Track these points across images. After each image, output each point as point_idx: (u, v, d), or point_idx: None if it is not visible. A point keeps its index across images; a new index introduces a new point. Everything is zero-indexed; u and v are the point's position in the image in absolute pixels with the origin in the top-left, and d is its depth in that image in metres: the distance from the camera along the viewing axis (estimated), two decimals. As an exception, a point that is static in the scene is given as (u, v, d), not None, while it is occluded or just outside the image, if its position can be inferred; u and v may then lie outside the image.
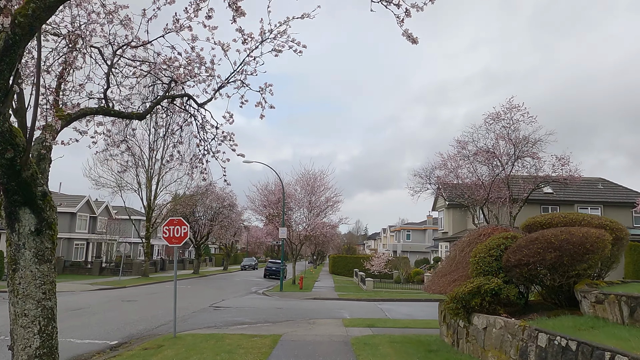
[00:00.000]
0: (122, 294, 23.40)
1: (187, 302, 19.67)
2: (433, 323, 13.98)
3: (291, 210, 35.41)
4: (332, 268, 60.98)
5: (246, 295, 25.90)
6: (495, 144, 26.61)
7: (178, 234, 11.03)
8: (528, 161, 26.14)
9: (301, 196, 35.33)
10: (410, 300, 24.39)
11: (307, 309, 18.75)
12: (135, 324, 13.34)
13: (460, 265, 9.10)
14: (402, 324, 13.78)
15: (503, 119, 26.13)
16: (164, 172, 37.54)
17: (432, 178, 28.53)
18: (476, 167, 26.68)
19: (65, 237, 47.78)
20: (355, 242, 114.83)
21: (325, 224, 36.89)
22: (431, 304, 22.42)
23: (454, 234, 39.77)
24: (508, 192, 26.35)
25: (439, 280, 9.43)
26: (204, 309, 17.69)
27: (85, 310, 16.08)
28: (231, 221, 48.09)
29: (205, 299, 21.85)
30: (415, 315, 17.72)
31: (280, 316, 16.06)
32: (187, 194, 40.15)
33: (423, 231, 68.61)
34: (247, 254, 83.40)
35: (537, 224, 8.79)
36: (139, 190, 37.16)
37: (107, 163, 35.70)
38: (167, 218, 47.24)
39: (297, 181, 35.43)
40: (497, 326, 6.99)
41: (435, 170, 28.52)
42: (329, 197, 34.93)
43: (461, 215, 40.17)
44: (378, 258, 47.33)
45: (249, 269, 66.60)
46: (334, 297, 25.16)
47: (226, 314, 16.26)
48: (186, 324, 13.97)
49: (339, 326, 13.39)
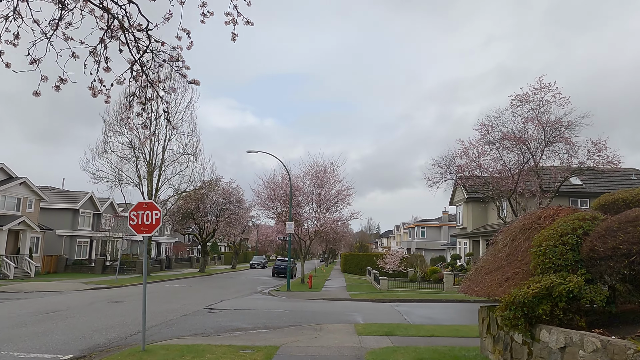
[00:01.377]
0: (113, 294, 21.41)
1: (180, 304, 17.56)
2: (463, 330, 11.65)
3: (299, 204, 33.20)
4: (344, 266, 58.69)
5: (250, 295, 23.78)
6: (522, 129, 24.10)
7: (148, 220, 8.86)
8: (560, 147, 23.58)
9: (310, 189, 33.13)
10: (429, 301, 22.04)
11: (314, 311, 16.54)
12: (107, 331, 11.23)
13: (513, 259, 6.77)
14: (427, 331, 11.48)
15: (532, 101, 23.62)
16: (165, 165, 35.62)
17: (452, 167, 26.07)
18: (502, 154, 24.17)
19: (67, 234, 46.27)
20: (367, 240, 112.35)
21: (335, 220, 34.59)
22: (454, 306, 20.05)
23: (473, 229, 37.24)
24: (538, 181, 23.83)
25: (483, 279, 7.10)
26: (197, 311, 15.56)
27: (59, 314, 14.05)
28: (238, 217, 45.99)
29: (203, 299, 19.75)
30: (438, 318, 15.40)
31: (283, 320, 13.86)
32: (190, 189, 38.05)
33: (438, 228, 65.92)
34: (256, 252, 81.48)
35: (620, 201, 6.45)
36: (140, 184, 35.26)
37: (105, 155, 33.90)
38: (172, 214, 45.53)
39: (305, 173, 33.20)
40: (587, 347, 4.66)
41: (455, 158, 26.08)
42: (339, 190, 32.64)
43: (481, 210, 37.62)
44: (392, 256, 44.94)
45: (258, 267, 64.70)
46: (345, 298, 22.92)
47: (221, 318, 14.11)
48: (170, 330, 11.83)
49: (350, 334, 11.14)
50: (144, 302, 9.38)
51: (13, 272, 34.25)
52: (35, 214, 40.87)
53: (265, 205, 33.00)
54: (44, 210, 45.21)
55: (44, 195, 41.94)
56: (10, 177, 38.22)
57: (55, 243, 45.72)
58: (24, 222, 37.18)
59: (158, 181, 35.73)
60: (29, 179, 39.21)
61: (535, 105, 23.53)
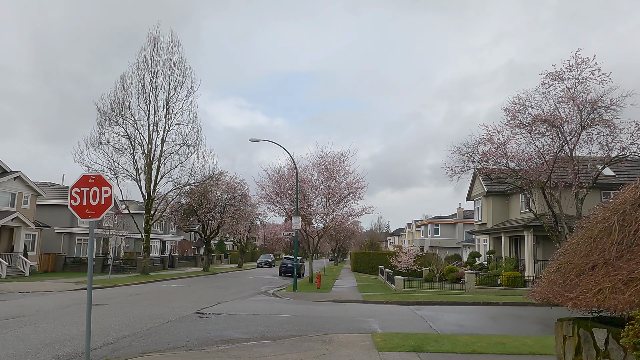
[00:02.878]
0: (99, 296, 19.23)
1: (169, 307, 15.30)
2: (511, 344, 9.24)
3: (307, 199, 30.84)
4: (354, 265, 56.22)
5: (252, 296, 21.50)
6: (554, 112, 21.51)
7: (95, 200, 6.56)
8: (600, 130, 20.97)
9: (318, 182, 30.72)
10: (452, 303, 19.56)
11: (323, 316, 14.19)
12: (62, 344, 8.98)
13: (629, 251, 4.36)
14: (465, 345, 9.08)
15: (566, 79, 21.03)
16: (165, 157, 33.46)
17: (475, 155, 23.52)
18: (535, 138, 21.61)
19: (66, 231, 44.48)
20: (377, 239, 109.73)
21: (346, 214, 32.13)
22: (481, 309, 17.56)
23: (493, 225, 34.62)
24: (575, 169, 21.25)
25: (573, 280, 4.70)
26: (185, 317, 13.29)
27: (19, 320, 11.85)
28: (243, 214, 43.74)
29: (197, 301, 17.49)
30: (470, 326, 12.97)
31: (285, 329, 11.53)
32: (192, 183, 35.82)
33: (453, 225, 63.18)
34: (264, 250, 79.35)
35: None
36: (137, 177, 33.15)
37: (100, 146, 31.84)
38: (175, 210, 43.42)
39: (313, 165, 30.78)
40: None
41: (478, 145, 23.54)
42: (350, 183, 30.20)
43: (503, 204, 34.99)
44: (406, 254, 42.43)
45: (266, 266, 62.55)
46: (357, 300, 20.53)
47: (211, 326, 11.81)
48: (143, 343, 9.55)
49: (368, 349, 8.78)
50: (87, 315, 7.02)
51: (6, 271, 32.38)
52: (31, 210, 38.99)
53: (271, 200, 30.65)
54: (42, 206, 43.40)
55: (40, 190, 40.04)
56: (4, 172, 36.32)
57: (53, 241, 43.91)
58: (18, 218, 35.26)
59: (157, 174, 33.59)
60: (24, 174, 37.31)
61: (570, 83, 20.95)
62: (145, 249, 34.46)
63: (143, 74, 33.72)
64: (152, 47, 34.18)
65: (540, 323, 14.18)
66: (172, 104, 34.02)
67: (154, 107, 33.47)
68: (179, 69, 34.59)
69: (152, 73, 33.86)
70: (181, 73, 34.59)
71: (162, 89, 33.95)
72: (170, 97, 34.01)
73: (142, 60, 33.86)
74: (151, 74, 33.85)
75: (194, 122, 35.02)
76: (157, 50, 34.24)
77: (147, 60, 33.99)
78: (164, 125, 33.73)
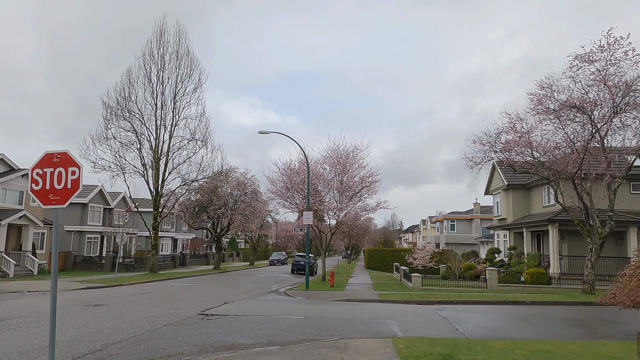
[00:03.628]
0: (101, 296, 18.31)
1: (171, 308, 14.25)
2: (558, 352, 7.95)
3: (319, 193, 29.67)
4: (368, 263, 54.93)
5: (262, 295, 20.41)
6: (584, 97, 20.00)
7: (61, 183, 5.44)
8: (635, 115, 19.43)
9: (331, 176, 29.50)
10: (475, 302, 18.23)
11: (337, 317, 13.01)
12: (42, 352, 7.94)
13: None
14: (504, 354, 7.80)
15: (597, 60, 19.50)
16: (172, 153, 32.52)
17: (497, 145, 22.09)
18: (565, 124, 20.13)
19: (76, 229, 43.88)
20: (390, 236, 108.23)
21: (360, 210, 30.86)
22: (508, 309, 16.21)
23: (514, 220, 33.08)
24: (607, 159, 19.74)
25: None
26: (187, 318, 12.21)
27: (5, 323, 10.88)
28: (254, 210, 42.71)
29: (203, 301, 16.44)
30: (501, 328, 11.68)
31: (295, 332, 10.39)
32: (200, 178, 34.84)
33: (469, 221, 61.47)
34: (276, 248, 78.43)
35: None
36: (145, 173, 32.26)
37: (107, 142, 31.03)
38: (185, 207, 42.57)
39: (325, 159, 29.56)
40: None
41: (501, 134, 22.11)
42: (364, 177, 28.93)
43: (524, 198, 33.44)
44: (422, 250, 41.04)
45: (278, 263, 61.61)
46: (373, 299, 19.31)
47: (214, 329, 10.71)
48: (135, 350, 8.46)
49: (390, 359, 7.58)
50: (51, 325, 5.92)
51: (13, 270, 31.80)
52: (40, 208, 38.39)
53: (281, 195, 29.52)
54: (51, 204, 42.94)
55: (49, 188, 39.48)
56: (12, 169, 35.77)
57: (63, 239, 43.34)
58: (25, 216, 34.69)
59: (165, 170, 32.68)
60: (32, 171, 36.75)
61: (601, 65, 19.41)
62: (154, 246, 33.59)
63: (150, 67, 32.85)
64: (158, 39, 33.29)
65: (577, 325, 12.83)
66: (180, 97, 33.11)
67: (161, 101, 32.59)
68: (186, 62, 33.68)
69: (158, 66, 32.96)
70: (188, 66, 33.66)
71: (169, 82, 33.06)
72: (178, 90, 33.10)
73: (148, 53, 33.00)
74: (158, 67, 32.95)
75: (202, 115, 34.08)
76: (163, 43, 33.35)
77: (153, 53, 33.12)
78: (171, 120, 32.84)
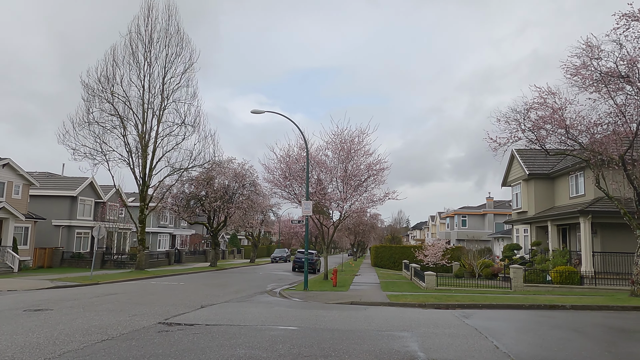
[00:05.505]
0: (59, 297, 15.50)
1: (129, 315, 11.37)
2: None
3: (320, 182, 26.73)
4: (375, 260, 51.92)
5: (252, 296, 17.54)
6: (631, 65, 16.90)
7: None
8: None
9: (334, 164, 26.54)
10: (505, 307, 15.24)
11: (336, 328, 10.09)
12: None
13: None
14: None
15: (648, 20, 16.39)
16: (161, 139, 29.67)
17: (526, 122, 19.03)
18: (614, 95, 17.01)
19: (64, 224, 41.29)
20: (397, 233, 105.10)
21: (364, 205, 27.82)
22: (551, 315, 13.16)
23: (536, 213, 29.94)
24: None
25: None
26: (141, 330, 9.33)
27: None
28: (252, 203, 39.84)
29: (174, 305, 13.56)
30: (559, 347, 8.64)
31: (277, 352, 7.45)
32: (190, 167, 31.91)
33: (482, 216, 58.26)
34: (279, 245, 75.69)
35: None
36: (130, 161, 29.45)
37: (88, 126, 28.25)
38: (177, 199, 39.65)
39: (328, 144, 26.60)
40: None
41: (530, 111, 19.04)
42: (370, 164, 25.97)
43: (547, 188, 30.31)
44: (433, 247, 38.06)
45: (280, 261, 59.00)
46: (381, 301, 16.35)
47: (166, 347, 7.80)
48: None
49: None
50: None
51: (-10, 267, 29.27)
52: (23, 201, 35.83)
53: (279, 184, 26.60)
54: (38, 197, 40.34)
55: (34, 180, 36.84)
56: (-10, 158, 33.24)
57: (51, 234, 40.78)
58: (5, 209, 32.10)
59: (152, 157, 29.87)
60: (13, 161, 34.14)
61: (655, 24, 16.31)
62: (140, 241, 30.77)
63: (136, 46, 30.04)
64: (146, 15, 30.49)
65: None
66: (169, 79, 30.27)
67: (148, 83, 29.76)
68: (176, 40, 30.81)
69: (146, 45, 30.14)
70: (179, 44, 30.79)
71: (158, 63, 30.23)
72: (167, 71, 30.25)
73: (135, 31, 30.18)
74: (145, 46, 30.13)
75: (194, 98, 31.20)
76: (152, 20, 30.54)
77: (140, 31, 30.30)
78: (160, 103, 29.98)
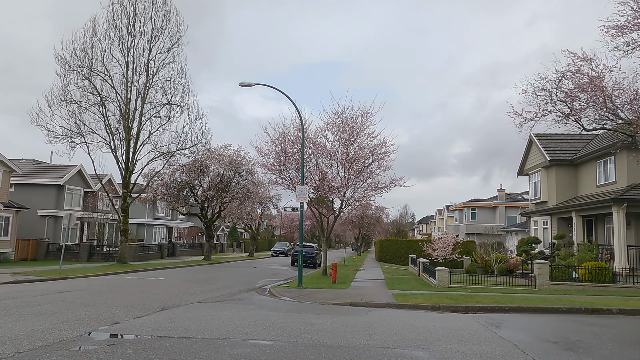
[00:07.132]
0: (3, 293, 12.96)
1: (60, 320, 8.78)
2: None
3: (319, 167, 24.07)
4: (380, 254, 49.28)
5: (235, 295, 14.96)
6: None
7: None
8: None
9: (335, 147, 23.84)
10: (537, 310, 12.57)
11: (325, 343, 7.46)
12: None
13: None
14: None
15: None
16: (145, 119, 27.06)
17: (559, 93, 16.25)
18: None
19: (50, 214, 38.89)
20: (403, 227, 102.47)
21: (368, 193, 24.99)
22: (596, 321, 10.44)
23: (558, 203, 27.13)
24: None
25: None
26: (59, 342, 6.73)
27: None
28: (249, 193, 37.25)
29: (129, 307, 10.98)
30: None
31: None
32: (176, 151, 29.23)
33: (492, 209, 55.40)
34: (281, 239, 73.30)
35: None
36: (111, 143, 26.87)
37: (65, 105, 25.70)
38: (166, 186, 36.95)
39: (327, 125, 23.88)
40: None
41: (562, 80, 16.26)
42: (375, 147, 23.27)
43: (569, 176, 27.44)
44: (442, 240, 35.34)
45: (281, 255, 56.62)
46: (387, 302, 13.71)
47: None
48: None
49: None
50: None
51: (-38, 259, 26.91)
52: (4, 189, 33.43)
53: (273, 168, 23.94)
54: (22, 186, 37.99)
55: (15, 167, 34.41)
56: (-34, 142, 30.79)
57: (36, 225, 38.42)
58: (-21, 196, 29.78)
59: (137, 140, 27.30)
60: (-9, 146, 31.71)
61: None
62: (122, 232, 28.25)
63: (120, 19, 27.40)
64: (130, -15, 27.78)
65: None
66: (155, 54, 27.60)
67: (132, 58, 27.14)
68: (163, 13, 28.12)
69: (130, 17, 27.49)
70: (166, 17, 28.10)
71: (143, 37, 27.57)
72: (152, 46, 27.60)
73: (118, 2, 27.52)
74: (129, 19, 27.48)
75: (181, 75, 28.54)
76: (137, -11, 27.84)
77: (124, 2, 27.64)
78: (145, 81, 27.38)
